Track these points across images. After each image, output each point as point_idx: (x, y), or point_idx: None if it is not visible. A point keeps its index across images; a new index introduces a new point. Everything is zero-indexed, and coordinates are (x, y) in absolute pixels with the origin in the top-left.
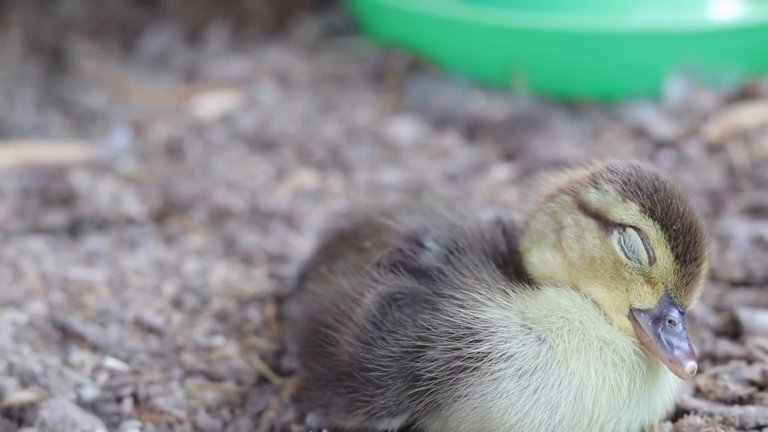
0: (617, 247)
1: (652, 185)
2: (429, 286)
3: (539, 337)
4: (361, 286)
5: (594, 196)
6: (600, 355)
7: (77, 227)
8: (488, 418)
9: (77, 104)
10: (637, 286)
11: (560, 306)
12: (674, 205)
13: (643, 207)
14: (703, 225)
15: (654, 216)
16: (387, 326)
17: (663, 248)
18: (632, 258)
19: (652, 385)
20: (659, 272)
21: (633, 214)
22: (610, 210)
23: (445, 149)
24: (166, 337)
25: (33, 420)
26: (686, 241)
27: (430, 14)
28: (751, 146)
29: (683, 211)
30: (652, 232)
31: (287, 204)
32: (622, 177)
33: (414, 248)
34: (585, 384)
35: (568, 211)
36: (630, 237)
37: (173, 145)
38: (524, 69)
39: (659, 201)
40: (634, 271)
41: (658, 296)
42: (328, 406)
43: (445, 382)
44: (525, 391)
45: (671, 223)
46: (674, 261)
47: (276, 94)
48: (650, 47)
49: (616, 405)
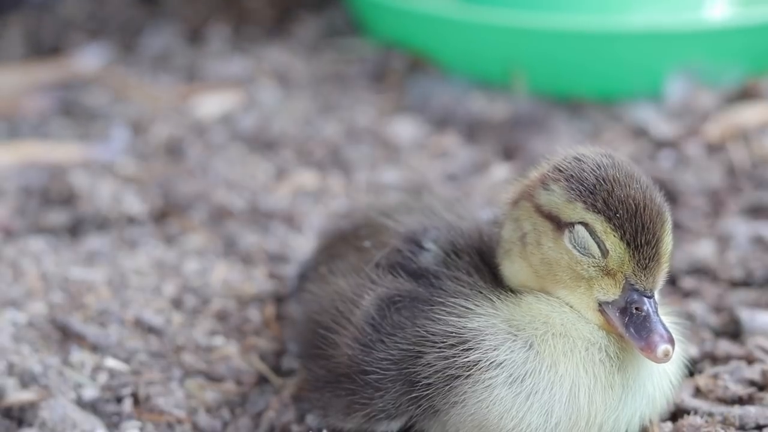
0: (569, 246)
1: (593, 177)
2: (427, 288)
3: (526, 344)
4: (360, 287)
5: (545, 197)
6: (587, 355)
7: (77, 227)
8: (485, 425)
9: (77, 104)
10: (598, 281)
11: (541, 312)
12: (616, 193)
13: (585, 202)
14: (653, 205)
15: (596, 209)
16: (386, 329)
17: (611, 238)
18: (585, 254)
19: (647, 376)
20: (614, 262)
21: (578, 210)
22: (560, 210)
23: (445, 149)
24: (166, 337)
25: (33, 420)
26: (634, 226)
27: (430, 14)
28: (751, 146)
29: (627, 197)
30: (598, 225)
31: (287, 204)
32: (565, 174)
33: (413, 249)
34: (577, 385)
35: (527, 216)
36: (579, 233)
37: (173, 145)
38: (524, 69)
39: (600, 192)
40: (591, 267)
41: (619, 286)
42: (326, 408)
43: (441, 388)
44: (518, 397)
45: (614, 212)
46: (626, 248)
47: (276, 94)
48: (650, 47)
49: (612, 403)
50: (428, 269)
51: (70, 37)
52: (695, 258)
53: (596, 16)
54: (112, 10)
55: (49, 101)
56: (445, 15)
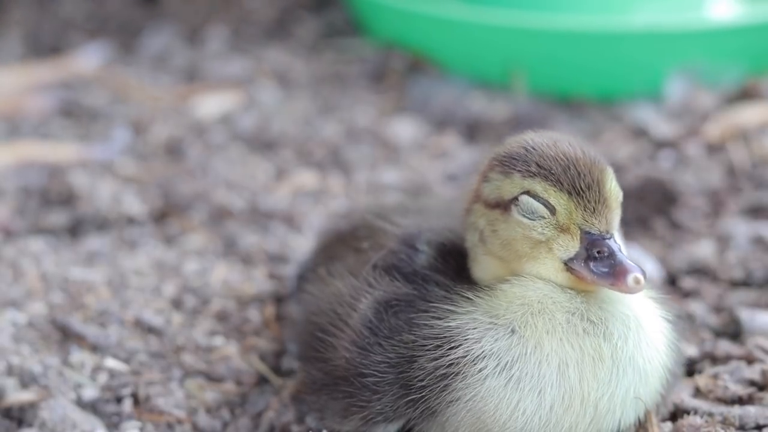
0: (519, 218)
1: (522, 150)
2: (420, 292)
3: (507, 330)
4: (358, 290)
5: (487, 189)
6: (569, 327)
7: (77, 227)
8: (483, 419)
9: (77, 104)
10: (555, 241)
11: (516, 294)
12: (546, 153)
13: (520, 171)
14: (586, 155)
15: (531, 173)
16: (383, 332)
17: (553, 194)
18: (535, 218)
19: (634, 345)
20: (564, 216)
21: (517, 183)
22: (502, 192)
23: (445, 149)
24: (166, 338)
25: (33, 420)
26: (570, 176)
27: (430, 14)
28: (751, 146)
29: (556, 152)
30: (537, 186)
31: (287, 204)
32: (499, 159)
33: (408, 252)
34: (565, 362)
35: (480, 215)
36: (523, 202)
37: (173, 145)
38: (524, 69)
39: (532, 158)
40: (545, 229)
41: (577, 238)
42: (323, 411)
43: (435, 389)
44: (509, 383)
45: (548, 170)
46: (569, 198)
47: (276, 94)
48: (650, 47)
49: (603, 377)
50: (420, 272)
51: (70, 37)
52: (695, 258)
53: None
54: (112, 10)
55: (49, 101)
56: (445, 15)
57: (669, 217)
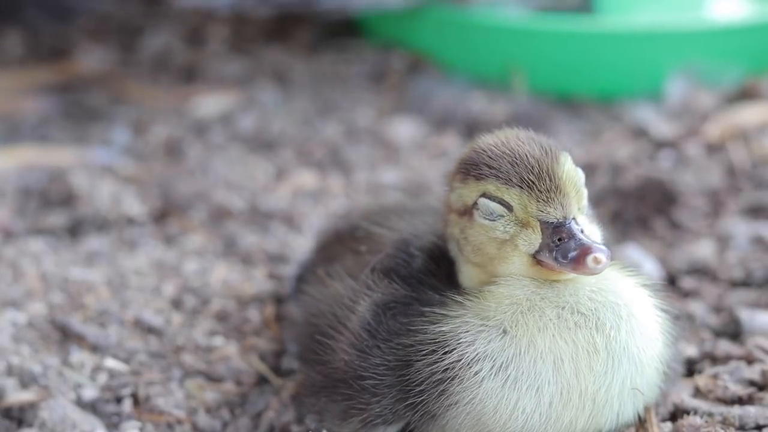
0: (482, 221)
1: (474, 154)
2: (418, 295)
3: (499, 330)
4: (357, 293)
5: (453, 198)
6: (560, 322)
7: (77, 228)
8: (483, 420)
9: (77, 105)
10: (519, 237)
11: (504, 294)
12: (494, 153)
13: (475, 176)
14: (534, 147)
15: (483, 175)
16: (382, 335)
17: (506, 190)
18: (495, 218)
19: (628, 334)
20: (520, 210)
21: (473, 187)
22: (465, 198)
23: (445, 149)
24: (166, 338)
25: (33, 420)
26: (518, 170)
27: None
28: (751, 146)
29: (503, 152)
30: (491, 187)
31: (287, 204)
32: (457, 168)
33: (404, 256)
34: (560, 357)
35: (454, 225)
36: (482, 205)
37: (173, 145)
38: (524, 69)
39: (482, 161)
40: (506, 227)
41: (537, 231)
42: (322, 413)
43: (434, 393)
44: (506, 383)
45: (497, 169)
46: (521, 192)
47: (276, 94)
48: (650, 47)
49: (599, 368)
50: (416, 276)
51: (70, 38)
52: (695, 258)
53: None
54: (112, 11)
55: (49, 102)
56: (446, 15)
57: (669, 217)
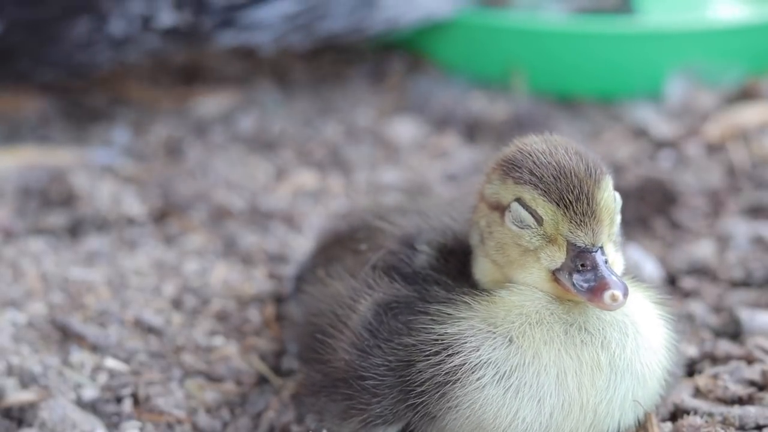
0: (509, 224)
1: (520, 155)
2: (420, 293)
3: (506, 339)
4: (357, 292)
5: (489, 190)
6: (567, 338)
7: (77, 228)
8: (483, 426)
9: (77, 105)
10: (543, 251)
11: (514, 304)
12: (540, 161)
13: (514, 178)
14: (580, 164)
15: (523, 180)
16: (383, 334)
17: (541, 203)
18: (523, 227)
19: (633, 352)
20: (551, 226)
21: (511, 188)
22: (500, 195)
23: (445, 149)
24: (166, 338)
25: (33, 420)
26: (560, 187)
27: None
28: (751, 146)
29: (549, 163)
30: (526, 194)
31: (287, 204)
32: (499, 162)
33: (407, 252)
34: (564, 371)
35: (483, 215)
36: (513, 209)
37: (173, 145)
38: (524, 69)
39: (526, 164)
40: (532, 238)
41: (563, 250)
42: (323, 412)
43: (435, 395)
44: (508, 392)
45: (539, 178)
46: (556, 209)
47: (276, 94)
48: (650, 47)
49: (601, 384)
50: (420, 273)
51: None
52: (695, 258)
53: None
54: None
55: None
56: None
57: (669, 217)
